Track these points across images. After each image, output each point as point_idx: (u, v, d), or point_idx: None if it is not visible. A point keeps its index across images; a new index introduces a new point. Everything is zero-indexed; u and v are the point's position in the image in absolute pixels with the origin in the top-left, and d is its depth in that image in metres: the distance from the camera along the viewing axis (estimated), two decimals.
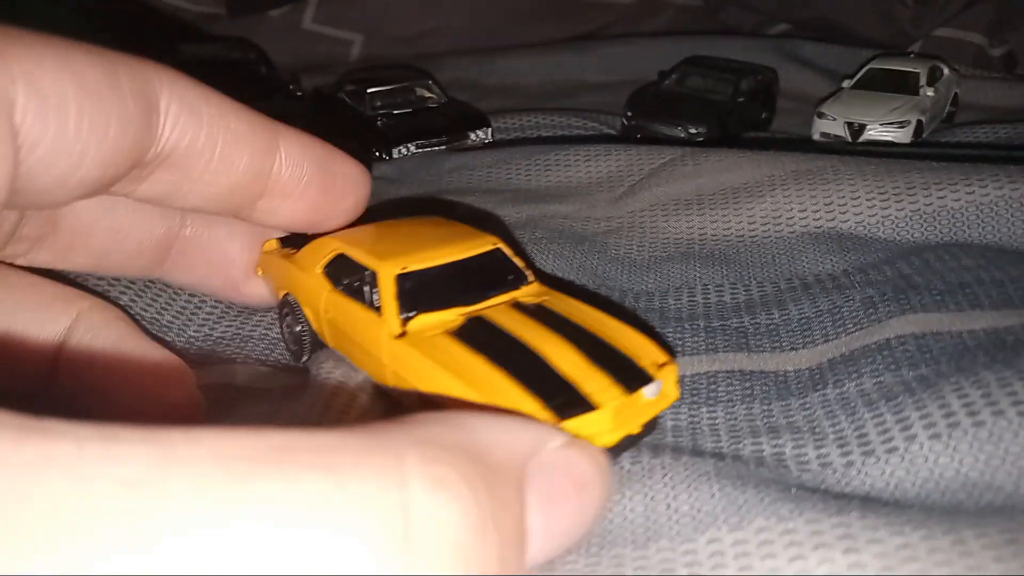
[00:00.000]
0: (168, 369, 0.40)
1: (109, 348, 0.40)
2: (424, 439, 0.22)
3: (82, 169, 0.33)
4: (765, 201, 0.62)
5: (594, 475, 0.27)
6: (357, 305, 0.42)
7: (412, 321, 0.39)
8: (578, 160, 0.73)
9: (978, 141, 0.83)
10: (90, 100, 0.32)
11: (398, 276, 0.40)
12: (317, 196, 0.43)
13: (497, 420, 0.26)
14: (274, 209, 0.43)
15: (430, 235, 0.44)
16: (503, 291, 0.42)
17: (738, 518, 0.30)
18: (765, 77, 0.94)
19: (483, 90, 1.09)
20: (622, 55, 1.14)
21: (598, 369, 0.36)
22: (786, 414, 0.40)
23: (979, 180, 0.58)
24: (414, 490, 0.20)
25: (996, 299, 0.46)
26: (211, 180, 0.39)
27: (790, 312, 0.50)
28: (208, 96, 0.38)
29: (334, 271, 0.44)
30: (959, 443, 0.34)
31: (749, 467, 0.35)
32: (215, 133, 0.38)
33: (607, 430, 0.34)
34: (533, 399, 0.34)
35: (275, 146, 0.41)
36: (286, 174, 0.41)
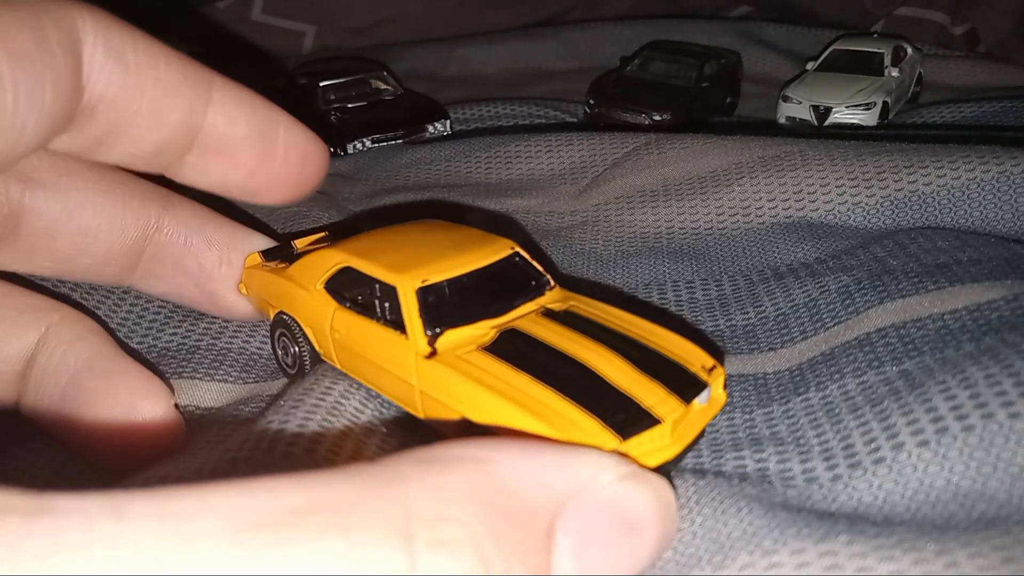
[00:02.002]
0: (143, 385, 0.38)
1: (81, 363, 0.37)
2: (438, 488, 0.21)
3: (23, 141, 0.31)
4: (733, 191, 0.60)
5: (650, 514, 0.24)
6: (372, 324, 0.38)
7: (440, 338, 0.36)
8: (539, 151, 0.70)
9: (944, 121, 0.82)
10: (24, 69, 0.29)
11: (419, 290, 0.37)
12: (254, 159, 0.39)
13: (531, 455, 0.23)
14: (204, 167, 0.38)
15: (442, 242, 0.41)
16: (529, 298, 0.39)
17: (721, 556, 0.28)
18: (729, 61, 0.93)
19: (440, 81, 1.06)
20: (582, 41, 1.12)
21: (652, 380, 0.33)
22: (769, 423, 0.39)
23: (950, 162, 0.56)
24: (419, 552, 0.19)
25: (976, 274, 0.44)
26: (137, 134, 0.35)
27: (766, 309, 0.48)
28: (135, 40, 0.34)
29: (338, 286, 0.40)
30: (948, 450, 0.32)
31: (732, 485, 0.32)
32: (142, 83, 0.34)
33: (668, 444, 0.32)
34: (590, 417, 0.31)
35: (208, 97, 0.37)
36: (218, 129, 0.37)
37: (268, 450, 0.35)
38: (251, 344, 0.48)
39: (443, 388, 0.35)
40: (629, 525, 0.24)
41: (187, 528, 0.18)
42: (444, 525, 0.20)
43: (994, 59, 1.01)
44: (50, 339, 0.38)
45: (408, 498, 0.20)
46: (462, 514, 0.20)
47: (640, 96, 0.86)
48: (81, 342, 0.38)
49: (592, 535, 0.23)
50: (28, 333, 0.38)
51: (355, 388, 0.40)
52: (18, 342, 0.38)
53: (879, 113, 0.81)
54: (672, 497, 0.25)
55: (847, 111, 0.82)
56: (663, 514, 0.25)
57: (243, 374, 0.46)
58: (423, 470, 0.21)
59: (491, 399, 0.33)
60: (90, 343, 0.38)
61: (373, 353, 0.38)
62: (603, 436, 0.31)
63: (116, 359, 0.38)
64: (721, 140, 0.64)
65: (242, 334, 0.48)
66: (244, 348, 0.48)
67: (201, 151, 0.38)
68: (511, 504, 0.22)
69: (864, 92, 0.83)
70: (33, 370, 0.38)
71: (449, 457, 0.22)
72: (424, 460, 0.22)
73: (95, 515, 0.17)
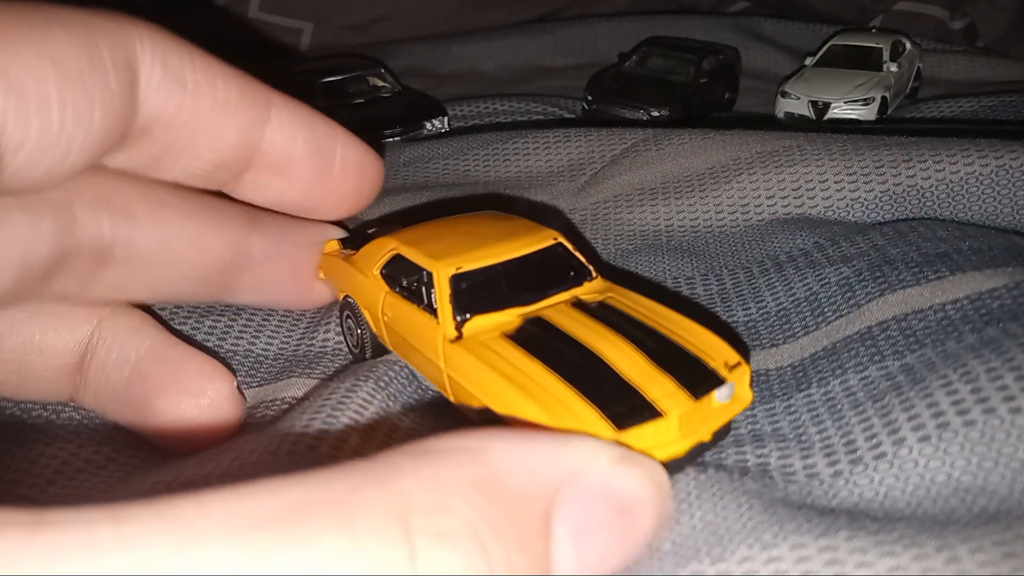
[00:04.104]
0: (208, 369, 0.39)
1: (143, 353, 0.38)
2: (434, 478, 0.21)
3: (70, 159, 0.31)
4: (732, 188, 0.60)
5: (644, 496, 0.25)
6: (414, 308, 0.40)
7: (467, 324, 0.37)
8: (537, 148, 0.70)
9: (943, 116, 0.82)
10: (73, 88, 0.29)
11: (453, 277, 0.38)
12: (311, 177, 0.40)
13: (526, 442, 0.24)
14: (262, 185, 0.39)
15: (488, 232, 0.42)
16: (564, 288, 0.40)
17: (720, 549, 0.28)
18: (727, 56, 0.92)
19: (438, 78, 1.06)
20: (580, 37, 1.12)
21: (663, 372, 0.33)
22: (771, 419, 0.38)
23: (948, 156, 0.56)
24: (419, 544, 0.19)
25: (977, 262, 0.43)
26: (195, 153, 0.35)
27: (767, 304, 0.48)
28: (193, 59, 0.34)
29: (391, 272, 0.42)
30: (949, 445, 0.32)
31: (732, 479, 0.32)
32: (200, 102, 0.34)
33: (674, 439, 0.32)
34: (589, 406, 0.31)
35: (266, 116, 0.37)
36: (276, 147, 0.37)
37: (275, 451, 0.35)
38: (256, 345, 0.48)
39: (463, 372, 0.36)
40: (624, 507, 0.24)
41: (188, 530, 0.18)
42: (442, 515, 0.20)
43: (993, 54, 1.01)
44: (105, 332, 0.38)
45: (405, 490, 0.20)
46: (459, 504, 0.21)
47: (638, 92, 0.86)
48: (139, 334, 0.39)
49: (589, 520, 0.23)
50: (81, 327, 0.38)
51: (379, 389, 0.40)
52: (71, 336, 0.38)
53: (878, 108, 0.81)
54: (665, 478, 0.26)
55: (846, 106, 0.82)
56: (657, 495, 0.25)
57: (248, 378, 0.46)
58: (418, 462, 0.21)
59: (498, 383, 0.34)
60: (148, 333, 0.39)
61: (412, 335, 0.40)
62: (599, 425, 0.31)
63: (175, 346, 0.40)
64: (719, 135, 0.64)
65: (248, 334, 0.48)
66: (250, 350, 0.48)
67: (259, 169, 0.38)
68: (506, 492, 0.22)
69: (863, 87, 0.83)
70: (93, 363, 0.38)
71: (443, 448, 0.22)
72: (419, 452, 0.22)
73: (96, 523, 0.17)
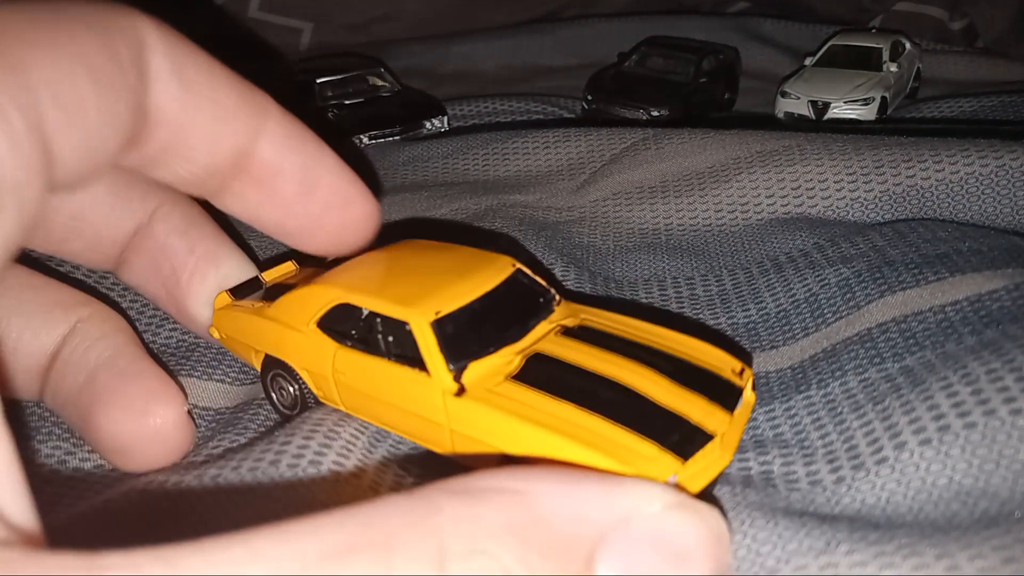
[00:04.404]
0: (158, 388, 0.38)
1: (102, 361, 0.37)
2: (472, 521, 0.21)
3: (101, 159, 0.30)
4: (731, 187, 0.59)
5: (700, 545, 0.23)
6: (386, 363, 0.35)
7: (466, 372, 0.34)
8: (537, 147, 0.70)
9: (942, 116, 0.82)
10: (104, 91, 0.29)
11: (434, 323, 0.34)
12: (293, 196, 0.38)
13: (570, 485, 0.23)
14: (244, 196, 0.37)
15: (439, 266, 0.38)
16: (541, 317, 0.37)
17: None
18: (727, 56, 0.92)
19: (438, 77, 1.06)
20: (580, 37, 1.12)
21: (691, 392, 0.32)
22: (771, 423, 0.38)
23: (948, 156, 0.56)
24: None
25: (976, 264, 0.43)
26: (190, 156, 0.34)
27: (767, 305, 0.48)
28: (197, 58, 0.33)
29: (335, 325, 0.37)
30: (951, 448, 0.32)
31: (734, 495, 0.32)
32: (200, 104, 0.33)
33: (720, 456, 0.31)
34: (645, 441, 0.29)
35: (262, 125, 0.36)
36: (265, 159, 0.36)
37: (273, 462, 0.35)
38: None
39: (479, 426, 0.33)
40: (676, 556, 0.23)
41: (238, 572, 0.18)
42: (477, 559, 0.20)
43: (992, 54, 1.01)
44: (76, 335, 0.38)
45: (443, 531, 0.20)
46: (495, 547, 0.20)
47: (638, 92, 0.85)
48: (104, 340, 0.38)
49: (635, 567, 0.22)
50: (56, 328, 0.38)
51: None
52: (46, 337, 0.38)
53: (877, 108, 0.81)
54: (724, 527, 0.24)
55: (845, 106, 0.82)
56: (714, 545, 0.23)
57: (241, 375, 0.46)
58: (457, 502, 0.21)
59: (537, 433, 0.31)
60: (113, 341, 0.38)
61: (389, 394, 0.35)
62: (664, 460, 0.29)
63: (135, 360, 0.38)
64: (719, 135, 0.64)
65: None
66: None
67: (245, 179, 0.37)
68: (547, 536, 0.21)
69: (862, 87, 0.83)
70: (56, 365, 0.38)
71: (484, 488, 0.22)
72: (459, 491, 0.22)
73: (147, 568, 0.18)
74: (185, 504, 0.34)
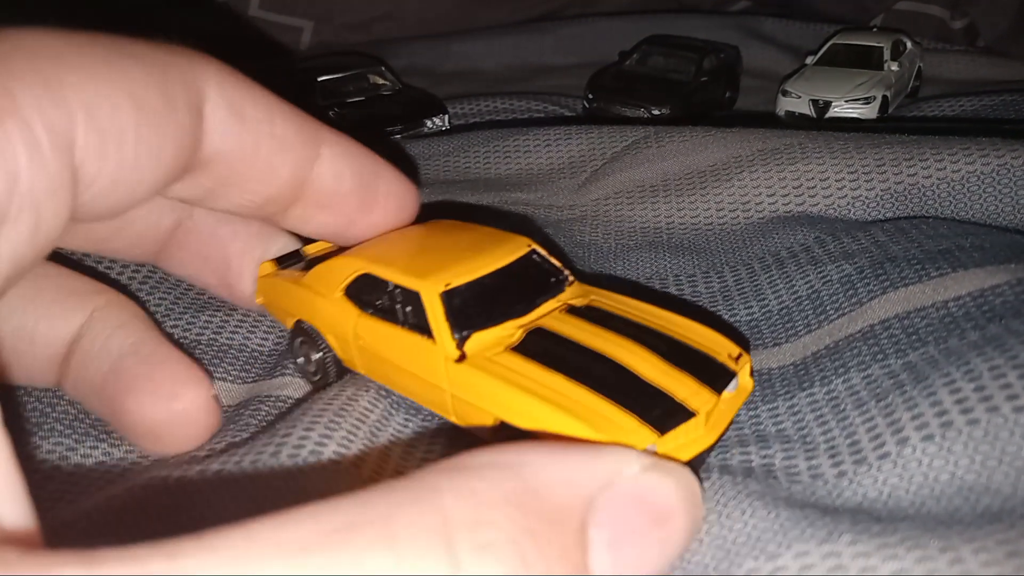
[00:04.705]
0: (185, 373, 0.38)
1: (125, 349, 0.38)
2: (472, 493, 0.21)
3: (137, 193, 0.31)
4: (733, 186, 0.59)
5: (678, 503, 0.25)
6: (399, 330, 0.38)
7: (468, 341, 0.36)
8: (538, 145, 0.70)
9: (943, 115, 0.82)
10: (148, 125, 0.30)
11: (443, 294, 0.36)
12: (354, 211, 0.40)
13: (558, 454, 0.24)
14: (307, 218, 0.40)
15: (458, 244, 0.40)
16: (550, 296, 0.39)
17: (727, 563, 0.28)
18: (728, 55, 0.92)
19: (439, 76, 1.06)
20: (581, 36, 1.12)
21: (682, 372, 0.34)
22: (774, 420, 0.38)
23: (950, 154, 0.56)
24: (463, 560, 0.20)
25: (979, 259, 0.43)
26: (248, 187, 0.36)
27: (769, 302, 0.48)
28: (255, 96, 0.34)
29: (359, 293, 0.40)
30: (953, 444, 0.32)
31: (736, 484, 0.32)
32: (259, 140, 0.34)
33: (702, 434, 0.33)
34: (627, 414, 0.31)
35: (317, 153, 0.37)
36: (324, 183, 0.38)
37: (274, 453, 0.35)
38: (252, 340, 0.48)
39: (475, 391, 0.35)
40: (658, 515, 0.24)
41: (240, 559, 0.18)
42: (483, 529, 0.20)
43: (993, 53, 1.01)
44: (95, 323, 0.38)
45: (445, 506, 0.21)
46: (499, 517, 0.21)
47: (639, 91, 0.85)
48: (125, 328, 0.39)
49: (624, 528, 0.23)
50: (73, 317, 0.39)
51: (382, 396, 0.40)
52: (63, 325, 0.38)
53: (878, 107, 0.81)
54: (696, 486, 0.26)
55: (846, 105, 0.82)
56: (689, 502, 0.25)
57: (243, 373, 0.46)
58: (454, 478, 0.22)
59: (526, 400, 0.33)
60: (134, 329, 0.39)
61: (400, 358, 0.38)
62: (642, 432, 0.31)
63: (159, 346, 0.39)
64: (720, 133, 0.64)
65: (243, 330, 0.48)
66: (245, 345, 0.47)
67: (306, 203, 0.38)
68: (543, 504, 0.22)
69: (863, 86, 0.82)
70: (76, 353, 0.38)
71: (478, 464, 0.23)
72: (454, 469, 0.22)
73: (149, 559, 0.18)
74: (186, 499, 0.34)
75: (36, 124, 0.25)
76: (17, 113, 0.25)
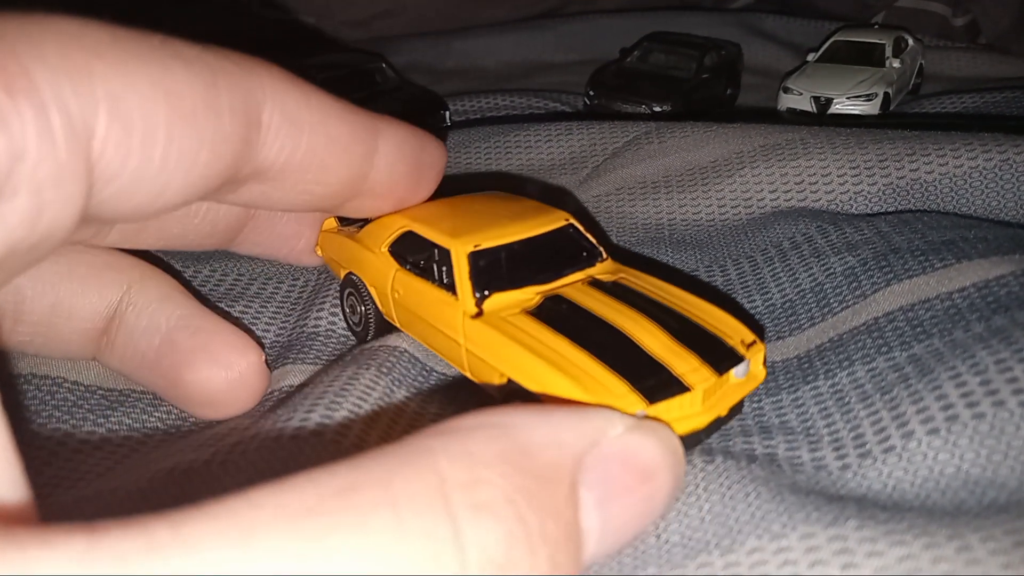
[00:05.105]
0: (238, 341, 0.40)
1: (174, 322, 0.39)
2: (466, 454, 0.22)
3: (164, 198, 0.30)
4: (735, 182, 0.59)
5: (661, 461, 0.25)
6: (428, 285, 0.40)
7: (488, 300, 0.38)
8: (539, 141, 0.70)
9: (945, 111, 0.82)
10: (183, 125, 0.28)
11: (471, 254, 0.38)
12: (407, 193, 0.41)
13: (547, 415, 0.24)
14: (361, 206, 0.40)
15: (500, 211, 0.43)
16: (578, 268, 0.41)
17: (730, 540, 0.28)
18: (729, 52, 0.92)
19: (440, 73, 1.06)
20: (582, 33, 1.12)
21: (687, 349, 0.35)
22: (778, 412, 0.38)
23: (952, 150, 0.56)
24: (461, 519, 0.20)
25: (983, 250, 0.43)
26: (305, 189, 0.36)
27: (772, 296, 0.48)
28: (309, 100, 0.34)
29: (401, 249, 0.42)
30: (959, 438, 0.32)
31: (740, 468, 0.32)
32: (315, 144, 0.34)
33: (698, 412, 0.33)
34: (620, 380, 0.32)
35: (374, 148, 0.37)
36: (381, 176, 0.38)
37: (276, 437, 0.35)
38: (255, 330, 0.48)
39: (486, 346, 0.37)
40: (643, 473, 0.25)
41: (244, 526, 0.18)
42: (480, 488, 0.21)
43: (995, 51, 1.01)
44: (136, 297, 0.39)
45: (439, 467, 0.21)
46: (494, 476, 0.21)
47: (640, 87, 0.85)
48: (168, 301, 0.40)
49: (612, 486, 0.24)
50: (110, 291, 0.39)
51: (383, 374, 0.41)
52: (100, 300, 0.39)
53: (880, 104, 0.81)
54: (678, 444, 0.26)
55: (848, 102, 0.81)
56: (672, 460, 0.26)
57: None
58: (448, 440, 0.22)
59: (527, 358, 0.34)
60: (178, 302, 0.40)
61: (427, 312, 0.40)
62: (631, 398, 0.32)
63: (207, 317, 0.40)
64: (722, 129, 0.64)
65: (246, 319, 0.49)
66: None
67: (363, 196, 0.39)
68: (534, 463, 0.22)
69: (865, 83, 0.82)
70: (122, 328, 0.39)
71: (469, 426, 0.23)
72: (446, 431, 0.23)
73: (154, 528, 0.18)
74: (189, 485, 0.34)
75: (51, 107, 0.24)
76: (33, 94, 0.24)
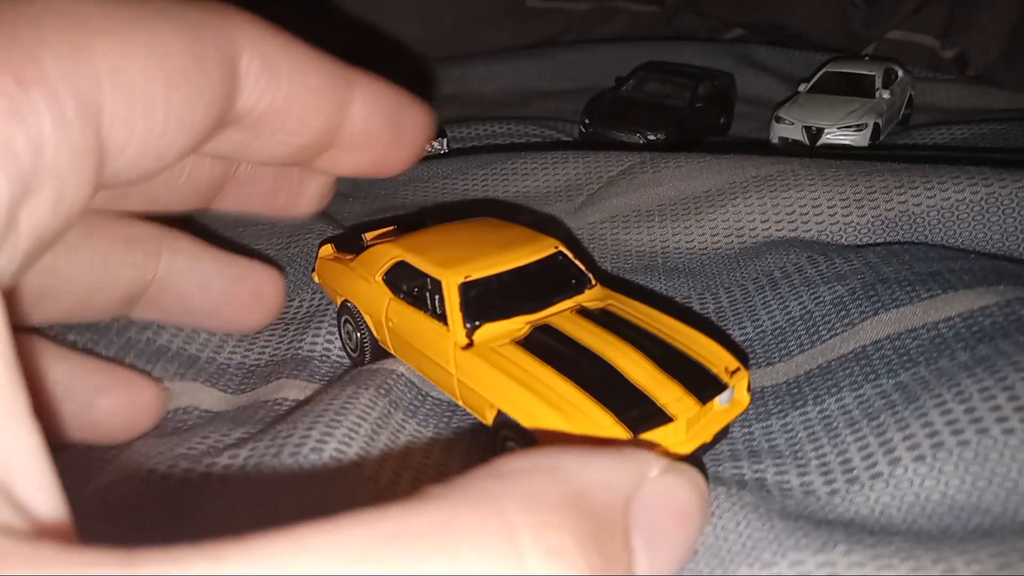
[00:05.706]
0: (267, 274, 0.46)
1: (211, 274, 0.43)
2: (530, 498, 0.21)
3: (166, 158, 0.30)
4: (727, 211, 0.60)
5: (695, 504, 0.25)
6: (421, 315, 0.41)
7: (478, 331, 0.39)
8: (535, 168, 0.71)
9: (934, 143, 0.83)
10: (178, 89, 0.29)
11: (462, 285, 0.39)
12: (385, 148, 0.40)
13: (593, 457, 0.24)
14: (339, 160, 0.39)
15: (490, 240, 0.43)
16: (567, 296, 0.42)
17: (722, 571, 0.29)
18: (722, 82, 0.94)
19: (437, 100, 1.07)
20: (578, 62, 1.13)
21: (670, 379, 0.35)
22: (767, 437, 0.39)
23: (939, 182, 0.57)
24: (531, 564, 0.19)
25: (969, 281, 0.44)
26: (282, 139, 0.35)
27: (763, 323, 0.49)
28: (287, 49, 0.33)
29: (395, 279, 0.43)
30: (944, 464, 0.33)
31: (730, 495, 0.33)
32: (293, 93, 0.34)
33: (681, 441, 0.34)
34: (605, 412, 0.33)
35: (350, 98, 0.37)
36: (357, 126, 0.38)
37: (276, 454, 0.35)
38: (249, 357, 0.49)
39: (476, 377, 0.37)
40: (682, 516, 0.25)
41: (288, 564, 0.17)
42: (550, 533, 0.20)
43: (983, 83, 1.02)
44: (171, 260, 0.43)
45: (506, 511, 0.20)
46: (563, 521, 0.20)
47: (635, 116, 0.87)
48: (200, 262, 0.44)
49: (656, 530, 0.24)
50: (148, 263, 0.42)
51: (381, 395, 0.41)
52: (140, 272, 0.42)
53: (870, 134, 0.82)
54: (705, 485, 0.26)
55: (839, 132, 0.83)
56: (704, 502, 0.26)
57: (242, 385, 0.47)
58: (506, 483, 0.21)
59: (515, 390, 0.35)
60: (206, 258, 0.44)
61: (419, 341, 0.41)
62: (615, 430, 0.32)
63: (235, 264, 0.45)
64: (715, 159, 0.65)
65: (241, 348, 0.49)
66: (243, 363, 0.48)
67: (339, 147, 0.38)
68: (593, 507, 0.22)
69: (855, 113, 0.84)
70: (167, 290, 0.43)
71: (519, 469, 0.22)
72: (499, 474, 0.22)
73: (190, 561, 0.17)
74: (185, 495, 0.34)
75: (63, 93, 0.24)
76: (45, 82, 0.24)
